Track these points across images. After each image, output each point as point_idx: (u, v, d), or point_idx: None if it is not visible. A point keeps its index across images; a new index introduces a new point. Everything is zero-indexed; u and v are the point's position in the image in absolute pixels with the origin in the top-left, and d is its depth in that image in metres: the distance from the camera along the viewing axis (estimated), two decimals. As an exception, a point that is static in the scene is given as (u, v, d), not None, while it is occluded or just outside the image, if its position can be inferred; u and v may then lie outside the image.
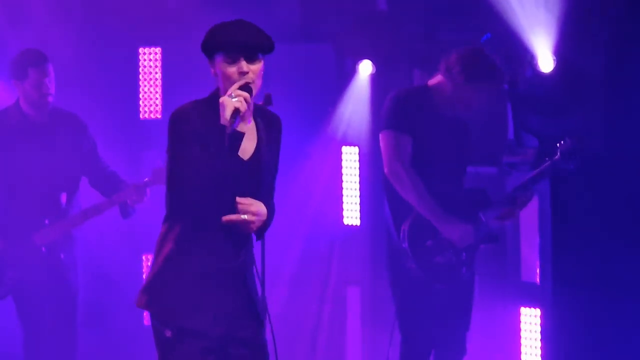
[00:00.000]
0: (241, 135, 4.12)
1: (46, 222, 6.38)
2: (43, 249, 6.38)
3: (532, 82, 6.58)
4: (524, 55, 6.54)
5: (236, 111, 4.08)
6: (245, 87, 4.15)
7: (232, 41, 4.17)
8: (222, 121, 4.08)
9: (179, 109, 4.23)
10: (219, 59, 4.21)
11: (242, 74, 4.18)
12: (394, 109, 5.76)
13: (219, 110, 4.11)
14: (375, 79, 7.36)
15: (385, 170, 5.79)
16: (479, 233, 5.86)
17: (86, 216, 6.44)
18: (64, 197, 6.46)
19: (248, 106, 4.15)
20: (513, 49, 6.55)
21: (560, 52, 6.46)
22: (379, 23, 5.83)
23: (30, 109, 6.37)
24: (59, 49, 7.21)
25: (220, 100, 4.12)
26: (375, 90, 7.29)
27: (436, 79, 5.86)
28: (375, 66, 7.30)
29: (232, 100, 4.09)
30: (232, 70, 4.19)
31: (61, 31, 7.40)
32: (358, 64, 7.37)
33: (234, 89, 4.13)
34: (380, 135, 5.83)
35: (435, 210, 5.74)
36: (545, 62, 6.51)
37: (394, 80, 6.49)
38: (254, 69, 4.20)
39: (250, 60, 4.19)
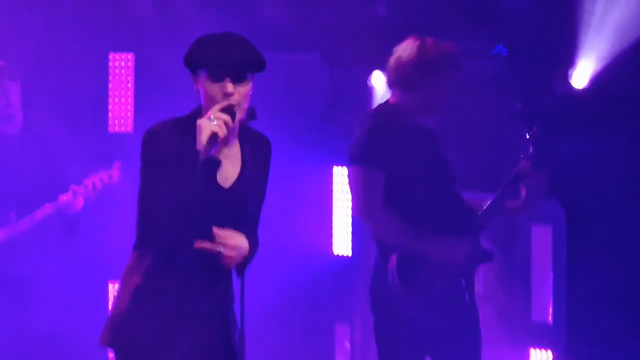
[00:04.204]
0: (218, 162, 4.05)
1: None
2: None
3: (550, 100, 6.56)
4: (553, 69, 6.53)
5: (214, 136, 3.97)
6: (228, 109, 4.02)
7: (218, 59, 4.07)
8: (198, 146, 3.99)
9: (153, 128, 4.14)
10: (202, 75, 4.10)
11: (227, 95, 4.05)
12: (366, 141, 5.47)
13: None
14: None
15: (354, 212, 5.67)
16: (473, 250, 5.57)
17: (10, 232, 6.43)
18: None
19: (231, 130, 4.04)
20: (532, 61, 6.56)
21: (601, 71, 6.43)
22: (379, 30, 5.60)
23: None
24: (19, 54, 7.04)
25: (198, 122, 4.01)
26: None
27: (395, 96, 5.56)
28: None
29: (211, 124, 3.98)
30: (215, 90, 4.08)
31: (22, 34, 7.31)
32: (369, 77, 7.26)
33: (214, 111, 4.01)
34: (348, 169, 5.58)
35: (417, 238, 5.43)
36: (581, 77, 6.45)
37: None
38: (240, 90, 4.08)
39: (237, 80, 4.08)
